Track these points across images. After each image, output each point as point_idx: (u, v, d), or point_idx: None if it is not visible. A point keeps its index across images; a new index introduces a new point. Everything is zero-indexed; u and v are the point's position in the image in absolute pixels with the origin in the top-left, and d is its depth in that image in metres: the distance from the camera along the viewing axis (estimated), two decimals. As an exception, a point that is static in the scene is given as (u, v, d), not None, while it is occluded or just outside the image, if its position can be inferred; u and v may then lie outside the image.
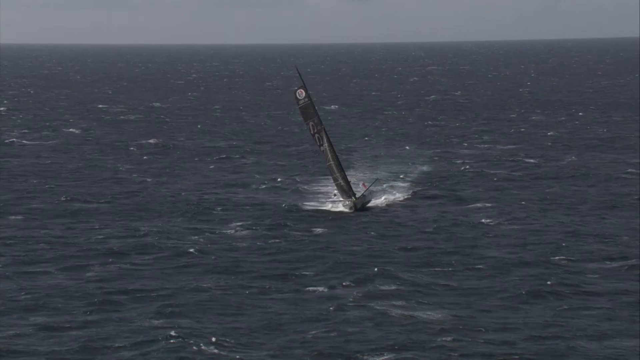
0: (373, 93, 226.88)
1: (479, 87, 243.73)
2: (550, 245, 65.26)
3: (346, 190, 79.26)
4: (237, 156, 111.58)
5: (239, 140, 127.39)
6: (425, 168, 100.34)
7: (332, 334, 47.33)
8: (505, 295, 53.79)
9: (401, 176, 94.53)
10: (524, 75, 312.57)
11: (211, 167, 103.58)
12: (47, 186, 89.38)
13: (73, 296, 53.43)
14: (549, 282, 56.01)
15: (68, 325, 48.41)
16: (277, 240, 67.36)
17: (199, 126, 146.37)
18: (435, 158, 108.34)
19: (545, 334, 47.26)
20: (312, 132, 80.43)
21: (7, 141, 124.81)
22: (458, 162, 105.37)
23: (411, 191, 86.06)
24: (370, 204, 79.99)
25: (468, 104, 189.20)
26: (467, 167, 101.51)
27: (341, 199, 79.74)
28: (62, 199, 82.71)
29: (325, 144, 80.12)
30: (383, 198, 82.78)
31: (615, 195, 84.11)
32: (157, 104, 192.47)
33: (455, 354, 44.84)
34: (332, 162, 79.95)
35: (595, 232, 69.62)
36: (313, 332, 47.61)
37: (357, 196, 78.89)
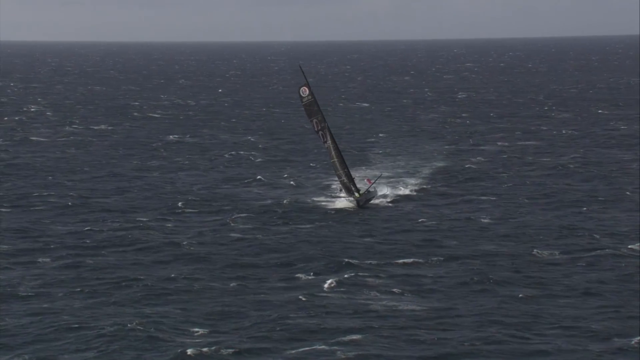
0: (406, 90, 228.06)
1: (509, 85, 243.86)
2: (538, 240, 66.82)
3: (349, 187, 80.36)
4: (253, 152, 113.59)
5: (259, 137, 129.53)
6: (438, 165, 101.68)
7: (312, 321, 49.22)
8: (484, 287, 55.53)
9: (412, 173, 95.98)
10: (562, 72, 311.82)
11: (224, 162, 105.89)
12: (64, 181, 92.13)
13: (64, 284, 55.92)
14: (527, 274, 57.79)
15: (54, 312, 50.85)
16: (271, 233, 69.38)
17: (222, 123, 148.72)
18: (450, 155, 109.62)
19: (517, 323, 49.09)
20: (316, 129, 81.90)
21: (33, 138, 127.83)
22: (472, 159, 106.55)
23: (419, 187, 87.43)
24: (374, 200, 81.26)
25: (496, 101, 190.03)
26: (480, 164, 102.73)
27: (345, 195, 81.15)
28: (72, 194, 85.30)
29: (329, 141, 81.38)
30: (389, 194, 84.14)
31: (615, 192, 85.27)
32: (190, 102, 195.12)
33: (429, 342, 46.68)
34: (335, 159, 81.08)
35: (587, 227, 70.91)
36: (292, 318, 49.67)
37: (360, 192, 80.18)
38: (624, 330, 47.87)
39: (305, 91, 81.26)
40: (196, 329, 48.10)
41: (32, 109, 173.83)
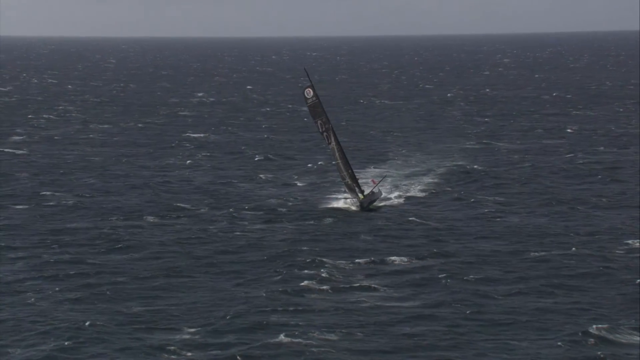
0: (437, 87, 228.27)
1: (542, 81, 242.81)
2: (533, 240, 67.70)
3: (353, 189, 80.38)
4: (268, 150, 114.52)
5: (281, 134, 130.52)
6: (450, 164, 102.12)
7: (294, 318, 50.53)
8: (464, 285, 56.63)
9: (423, 173, 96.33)
10: (599, 68, 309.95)
11: (238, 160, 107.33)
12: (76, 179, 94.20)
13: (56, 281, 57.81)
14: (511, 273, 58.94)
15: (42, 307, 52.79)
16: (268, 231, 70.81)
17: (249, 122, 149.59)
18: (465, 154, 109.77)
19: (494, 319, 50.32)
20: (320, 130, 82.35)
21: (56, 137, 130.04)
22: (485, 158, 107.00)
23: (426, 188, 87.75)
24: (379, 201, 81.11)
25: (525, 98, 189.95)
26: (491, 163, 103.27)
27: (349, 196, 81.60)
28: (81, 192, 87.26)
29: (333, 143, 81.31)
30: (393, 194, 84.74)
31: (618, 192, 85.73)
32: (223, 99, 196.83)
33: (406, 337, 47.96)
34: (339, 161, 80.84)
35: (584, 228, 71.45)
36: (275, 314, 51.12)
37: (365, 193, 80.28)
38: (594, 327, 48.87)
39: (309, 92, 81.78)
40: (181, 325, 49.39)
41: (60, 107, 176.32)
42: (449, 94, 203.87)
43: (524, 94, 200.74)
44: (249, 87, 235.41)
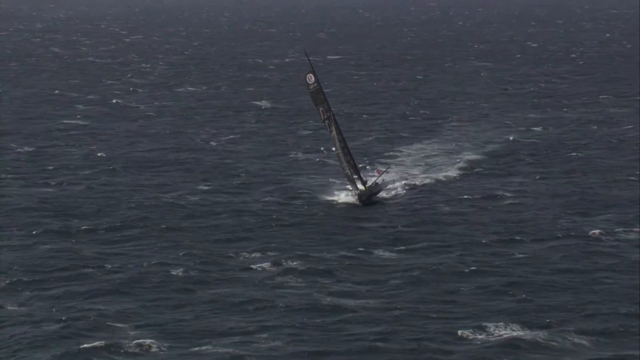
0: (530, 46, 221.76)
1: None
2: (520, 225, 67.42)
3: (353, 180, 77.47)
4: (302, 126, 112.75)
5: (345, 106, 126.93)
6: (509, 138, 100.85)
7: (265, 315, 51.40)
8: (434, 276, 57.21)
9: (468, 149, 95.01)
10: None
11: (275, 138, 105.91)
12: (113, 153, 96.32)
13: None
14: (475, 263, 58.76)
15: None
16: (256, 216, 71.27)
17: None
18: (519, 127, 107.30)
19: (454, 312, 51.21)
20: (322, 118, 79.43)
21: (113, 101, 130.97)
22: (534, 130, 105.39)
23: (459, 169, 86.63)
24: (385, 192, 78.93)
25: (617, 61, 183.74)
26: (544, 136, 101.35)
27: (351, 187, 78.25)
28: (114, 166, 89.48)
29: (334, 131, 78.41)
30: (400, 183, 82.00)
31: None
32: (316, 58, 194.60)
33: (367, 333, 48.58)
34: (339, 151, 77.67)
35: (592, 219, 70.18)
36: (246, 308, 52.41)
37: (367, 185, 77.53)
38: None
39: (311, 78, 79.71)
40: (142, 319, 50.82)
41: (128, 75, 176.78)
42: (545, 54, 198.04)
43: (620, 55, 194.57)
44: (340, 47, 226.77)
